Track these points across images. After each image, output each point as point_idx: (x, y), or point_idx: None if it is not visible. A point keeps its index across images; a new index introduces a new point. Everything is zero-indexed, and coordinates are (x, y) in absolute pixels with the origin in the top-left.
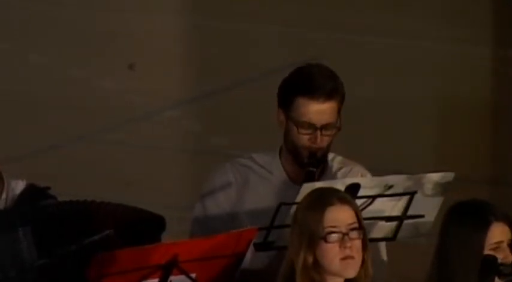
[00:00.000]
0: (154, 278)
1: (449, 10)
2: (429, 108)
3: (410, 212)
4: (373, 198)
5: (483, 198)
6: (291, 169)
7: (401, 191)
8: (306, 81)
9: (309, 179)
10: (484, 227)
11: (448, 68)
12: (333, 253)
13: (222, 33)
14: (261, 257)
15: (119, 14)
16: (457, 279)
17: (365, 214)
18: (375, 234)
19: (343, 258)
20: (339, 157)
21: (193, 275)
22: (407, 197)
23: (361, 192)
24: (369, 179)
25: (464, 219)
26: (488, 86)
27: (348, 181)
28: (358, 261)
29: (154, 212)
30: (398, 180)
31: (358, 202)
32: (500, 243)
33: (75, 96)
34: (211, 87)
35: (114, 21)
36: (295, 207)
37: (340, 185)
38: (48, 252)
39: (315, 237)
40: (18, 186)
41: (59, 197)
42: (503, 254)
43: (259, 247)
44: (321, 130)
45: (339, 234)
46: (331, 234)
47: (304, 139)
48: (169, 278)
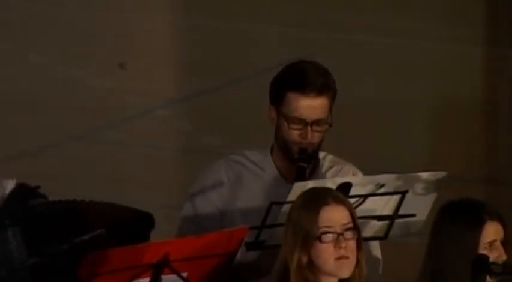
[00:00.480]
0: (145, 277)
1: (448, 10)
2: (425, 108)
3: (402, 211)
4: (365, 197)
5: (477, 198)
6: (282, 166)
7: (392, 190)
8: (297, 77)
9: (300, 175)
10: (478, 226)
11: (445, 67)
12: (327, 253)
13: (217, 33)
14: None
15: (115, 14)
16: (450, 278)
17: (356, 213)
18: (366, 233)
19: (338, 258)
20: (330, 156)
21: (185, 274)
22: (398, 196)
23: (353, 191)
24: (360, 178)
25: (457, 218)
26: (485, 85)
27: (339, 180)
28: (353, 261)
29: (147, 210)
30: (389, 179)
31: (350, 201)
32: (494, 242)
33: (70, 95)
34: (203, 86)
35: (111, 21)
36: (288, 205)
37: (332, 183)
38: (38, 251)
39: (309, 237)
40: (8, 185)
41: (53, 196)
42: (497, 252)
43: (250, 246)
44: (311, 126)
45: (334, 234)
46: (325, 234)
47: (295, 134)
48: (160, 277)
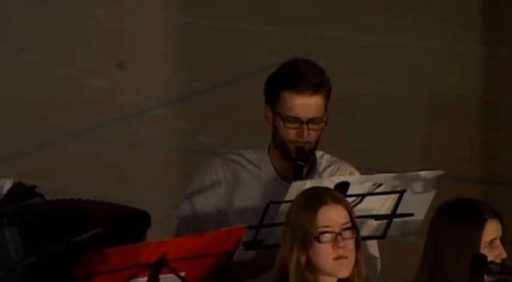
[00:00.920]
0: (143, 276)
1: (446, 9)
2: (423, 107)
3: (400, 210)
4: (363, 196)
5: (474, 197)
6: (279, 165)
7: (390, 189)
8: (292, 76)
9: (297, 174)
10: (479, 225)
11: (444, 67)
12: (326, 253)
13: (214, 32)
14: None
15: (112, 13)
16: (450, 277)
17: (354, 212)
18: (364, 232)
19: (337, 258)
20: (327, 155)
21: (183, 274)
22: (396, 195)
23: (351, 191)
24: (357, 177)
25: (457, 217)
26: (483, 85)
27: (337, 179)
28: (352, 260)
29: (144, 209)
30: (387, 179)
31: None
32: (494, 240)
33: (66, 94)
34: (200, 86)
35: (108, 20)
36: (287, 205)
37: (329, 183)
38: (36, 251)
39: (308, 237)
40: (5, 185)
41: (49, 195)
42: (498, 250)
43: (248, 245)
44: (307, 124)
45: (332, 234)
46: (324, 234)
47: (291, 133)
48: (158, 276)
